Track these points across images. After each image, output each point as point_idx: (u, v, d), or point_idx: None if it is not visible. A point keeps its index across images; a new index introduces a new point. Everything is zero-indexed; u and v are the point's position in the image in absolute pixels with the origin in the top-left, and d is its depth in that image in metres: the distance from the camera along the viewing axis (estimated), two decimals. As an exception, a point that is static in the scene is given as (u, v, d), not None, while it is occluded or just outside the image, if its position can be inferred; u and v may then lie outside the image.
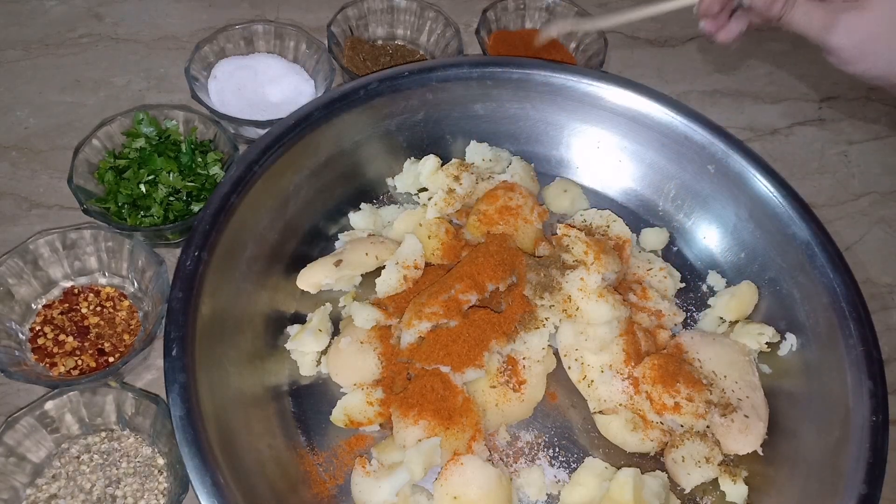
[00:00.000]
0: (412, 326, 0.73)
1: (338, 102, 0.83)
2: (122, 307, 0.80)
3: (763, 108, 1.13)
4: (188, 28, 1.08)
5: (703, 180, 0.89)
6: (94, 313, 0.79)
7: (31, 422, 0.68)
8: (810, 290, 0.80)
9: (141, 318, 0.79)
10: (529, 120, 0.93)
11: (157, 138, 0.87)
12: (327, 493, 0.71)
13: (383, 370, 0.75)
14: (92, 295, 0.80)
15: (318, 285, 0.80)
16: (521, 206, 0.85)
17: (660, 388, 0.74)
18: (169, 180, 0.83)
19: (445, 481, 0.68)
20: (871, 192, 1.07)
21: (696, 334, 0.82)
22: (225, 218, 0.73)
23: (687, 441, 0.74)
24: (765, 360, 0.82)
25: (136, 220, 0.82)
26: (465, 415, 0.71)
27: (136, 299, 0.80)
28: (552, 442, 0.77)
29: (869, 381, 0.71)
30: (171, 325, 0.66)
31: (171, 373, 0.64)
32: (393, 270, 0.79)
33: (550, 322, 0.77)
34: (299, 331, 0.78)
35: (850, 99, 1.17)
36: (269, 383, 0.76)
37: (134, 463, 0.70)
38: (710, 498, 0.75)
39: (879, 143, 1.12)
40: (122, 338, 0.78)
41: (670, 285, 0.86)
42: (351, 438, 0.74)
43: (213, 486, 0.60)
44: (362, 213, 0.87)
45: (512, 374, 0.75)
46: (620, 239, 0.86)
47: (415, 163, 0.90)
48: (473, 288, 0.76)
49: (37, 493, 0.67)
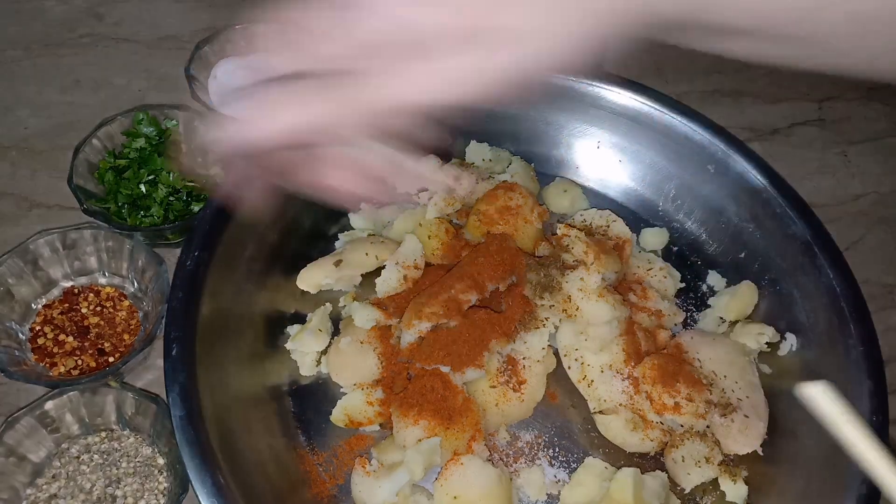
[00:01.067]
0: (412, 326, 0.73)
1: (338, 102, 0.82)
2: (123, 307, 0.80)
3: (763, 108, 1.13)
4: (188, 28, 1.08)
5: (703, 180, 0.89)
6: (94, 313, 0.79)
7: (31, 422, 0.68)
8: (810, 290, 0.79)
9: (141, 318, 0.79)
10: (529, 120, 0.93)
11: (157, 138, 0.87)
12: (327, 493, 0.71)
13: (383, 370, 0.75)
14: (92, 295, 0.80)
15: (318, 285, 0.80)
16: (521, 206, 0.85)
17: (660, 388, 0.74)
18: (169, 180, 0.83)
19: (445, 481, 0.68)
20: (871, 192, 1.07)
21: (696, 334, 0.82)
22: (225, 218, 0.73)
23: (687, 441, 0.74)
24: (765, 360, 0.82)
25: (136, 220, 0.82)
26: (465, 415, 0.71)
27: (136, 299, 0.80)
28: (552, 442, 0.77)
29: (869, 381, 0.71)
30: (171, 325, 0.66)
31: (171, 373, 0.64)
32: (393, 270, 0.79)
33: (550, 322, 0.77)
34: (299, 331, 0.78)
35: (850, 99, 1.16)
36: (269, 383, 0.76)
37: (134, 463, 0.70)
38: (710, 498, 0.75)
39: (879, 143, 1.12)
40: (122, 338, 0.78)
41: (670, 285, 0.86)
42: (351, 438, 0.74)
43: (213, 486, 0.60)
44: (362, 213, 0.87)
45: (512, 374, 0.75)
46: (620, 239, 0.86)
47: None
48: (473, 288, 0.76)
49: (37, 493, 0.67)
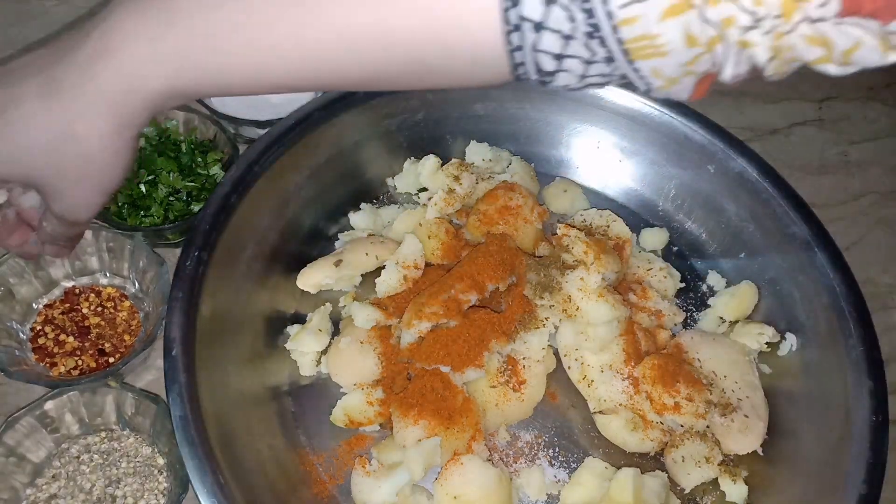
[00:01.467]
0: (412, 326, 0.73)
1: (338, 102, 0.83)
2: (123, 308, 0.80)
3: (763, 108, 1.13)
4: (188, 28, 1.08)
5: (703, 180, 0.89)
6: (94, 313, 0.78)
7: (31, 422, 0.68)
8: (810, 290, 0.79)
9: (142, 319, 0.79)
10: (529, 120, 0.93)
11: (157, 138, 0.87)
12: (327, 493, 0.71)
13: (383, 370, 0.75)
14: (93, 295, 0.80)
15: (318, 285, 0.80)
16: (521, 206, 0.85)
17: (660, 388, 0.74)
18: (169, 180, 0.83)
19: (445, 481, 0.68)
20: (871, 192, 1.07)
21: (696, 334, 0.82)
22: (225, 218, 0.73)
23: (687, 441, 0.74)
24: (765, 360, 0.82)
25: (137, 221, 0.82)
26: (465, 415, 0.71)
27: (137, 300, 0.80)
28: (552, 442, 0.77)
29: (869, 381, 0.71)
30: (171, 325, 0.66)
31: (171, 373, 0.64)
32: (393, 270, 0.79)
33: (550, 322, 0.77)
34: (299, 331, 0.78)
35: (850, 99, 1.16)
36: (269, 383, 0.76)
37: (134, 463, 0.70)
38: (710, 498, 0.75)
39: (879, 143, 1.12)
40: (123, 338, 0.77)
41: (670, 285, 0.86)
42: (351, 438, 0.74)
43: (213, 486, 0.60)
44: (362, 213, 0.87)
45: (512, 374, 0.75)
46: (620, 239, 0.86)
47: (415, 163, 0.90)
48: (473, 288, 0.76)
49: (37, 493, 0.67)
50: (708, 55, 0.39)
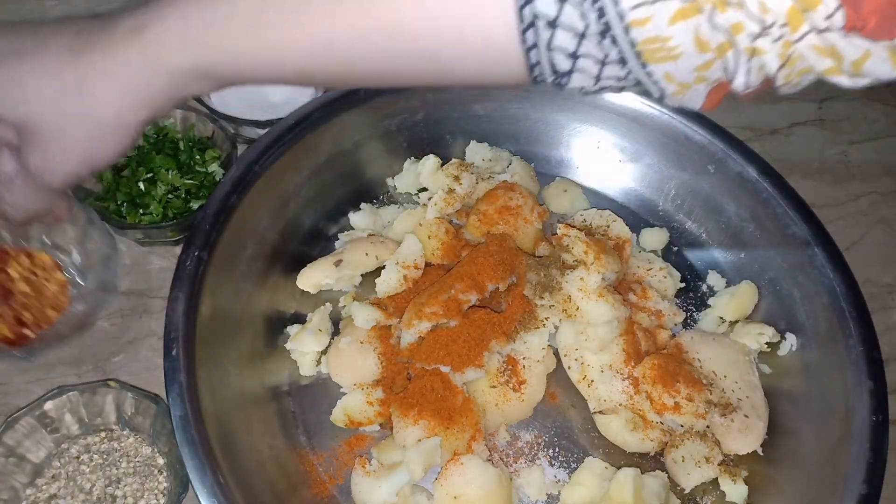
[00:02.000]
0: (412, 326, 0.73)
1: (338, 102, 0.82)
2: (55, 280, 0.74)
3: (763, 108, 1.13)
4: (188, 27, 1.08)
5: (703, 180, 0.89)
6: (22, 279, 0.72)
7: (30, 422, 0.68)
8: (810, 290, 0.79)
9: (73, 296, 0.73)
10: (529, 120, 0.93)
11: (156, 136, 0.87)
12: (327, 493, 0.71)
13: (383, 370, 0.75)
14: (25, 257, 0.73)
15: (318, 285, 0.80)
16: (521, 206, 0.85)
17: (660, 388, 0.74)
18: (168, 178, 0.83)
19: (445, 481, 0.68)
20: (871, 192, 1.07)
21: (696, 334, 0.82)
22: (225, 218, 0.73)
23: (687, 441, 0.74)
24: (765, 360, 0.82)
25: (136, 218, 0.82)
26: (465, 415, 0.71)
27: (74, 277, 0.74)
28: (552, 442, 0.77)
29: (869, 381, 0.71)
30: (171, 325, 0.66)
31: (171, 373, 0.64)
32: (393, 270, 0.79)
33: (550, 322, 0.77)
34: (299, 331, 0.78)
35: (850, 99, 1.16)
36: (269, 383, 0.76)
37: (134, 463, 0.70)
38: (710, 498, 0.75)
39: (879, 143, 1.12)
40: (46, 312, 0.72)
41: (670, 285, 0.86)
42: (351, 438, 0.74)
43: (213, 486, 0.60)
44: (362, 213, 0.87)
45: (512, 374, 0.75)
46: (620, 239, 0.86)
47: (415, 163, 0.90)
48: (473, 288, 0.76)
49: (37, 493, 0.67)
50: (719, 61, 0.39)
